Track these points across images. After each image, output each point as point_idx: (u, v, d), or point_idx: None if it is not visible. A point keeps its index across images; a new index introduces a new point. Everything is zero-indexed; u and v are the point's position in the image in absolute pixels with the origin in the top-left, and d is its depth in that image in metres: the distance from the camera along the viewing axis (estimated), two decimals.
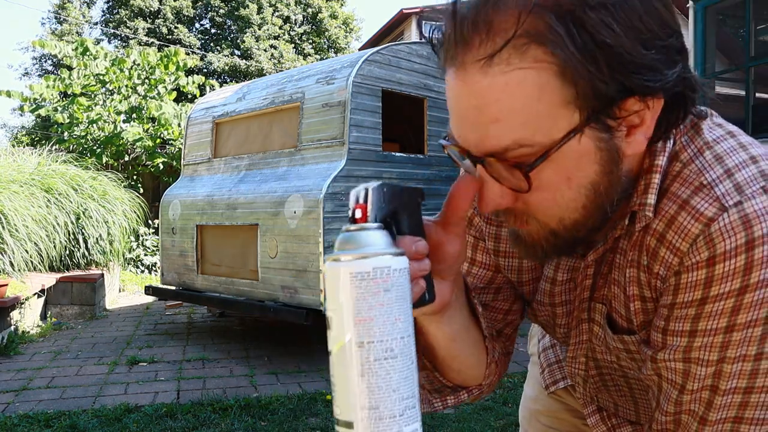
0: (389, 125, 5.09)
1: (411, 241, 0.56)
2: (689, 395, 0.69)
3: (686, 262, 0.64)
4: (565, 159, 0.60)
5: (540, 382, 1.10)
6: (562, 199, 0.62)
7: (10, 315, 4.89)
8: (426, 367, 0.80)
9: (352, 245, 0.47)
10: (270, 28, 22.41)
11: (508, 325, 0.90)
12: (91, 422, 3.08)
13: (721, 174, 0.64)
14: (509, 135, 0.58)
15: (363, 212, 0.51)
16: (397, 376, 0.44)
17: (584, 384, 0.89)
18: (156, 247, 9.12)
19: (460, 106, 0.61)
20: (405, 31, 19.54)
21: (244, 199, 4.69)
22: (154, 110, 10.14)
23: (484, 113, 0.59)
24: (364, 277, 0.45)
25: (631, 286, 0.71)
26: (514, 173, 0.60)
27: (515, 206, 0.65)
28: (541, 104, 0.57)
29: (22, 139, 17.57)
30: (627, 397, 0.87)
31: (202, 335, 5.28)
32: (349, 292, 0.45)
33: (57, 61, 20.60)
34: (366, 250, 0.46)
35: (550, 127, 0.58)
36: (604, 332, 0.78)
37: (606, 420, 0.93)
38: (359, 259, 0.46)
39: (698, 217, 0.63)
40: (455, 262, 0.65)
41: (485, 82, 0.58)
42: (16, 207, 5.49)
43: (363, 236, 0.48)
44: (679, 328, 0.66)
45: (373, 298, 0.45)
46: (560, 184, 0.61)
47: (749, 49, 6.27)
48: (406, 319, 0.46)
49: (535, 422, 1.12)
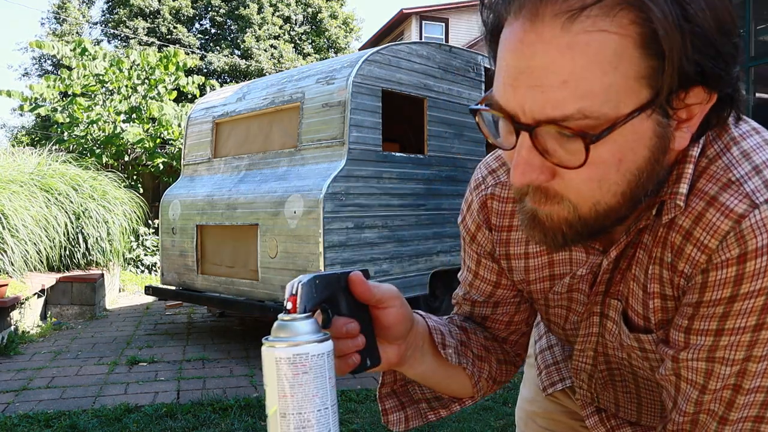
0: (389, 125, 5.09)
1: (343, 323, 0.63)
2: (710, 394, 0.68)
3: (715, 260, 0.62)
4: (623, 138, 0.57)
5: (537, 384, 1.08)
6: (606, 182, 0.59)
7: (10, 315, 4.89)
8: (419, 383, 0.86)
9: (283, 333, 0.56)
10: (270, 28, 22.42)
11: (512, 333, 0.92)
12: (91, 422, 3.08)
13: (750, 171, 0.63)
14: (575, 102, 0.54)
15: (293, 303, 0.59)
16: None
17: (589, 380, 0.88)
18: (156, 247, 9.12)
19: (524, 62, 0.55)
20: (405, 31, 19.54)
21: (244, 199, 4.69)
22: (156, 111, 10.14)
23: (553, 73, 0.54)
24: (287, 362, 0.54)
25: (652, 284, 0.70)
26: (571, 145, 0.56)
27: (549, 185, 0.60)
28: (616, 74, 0.54)
29: (22, 139, 17.57)
30: (632, 394, 0.86)
31: (202, 335, 5.28)
32: (275, 372, 0.55)
33: (57, 61, 20.61)
34: (292, 339, 0.55)
35: (618, 101, 0.55)
36: (619, 329, 0.76)
37: (605, 421, 0.92)
38: (286, 347, 0.55)
39: (728, 213, 0.61)
40: (395, 330, 0.69)
41: (564, 39, 0.53)
42: (16, 207, 5.49)
43: (291, 326, 0.56)
44: (704, 327, 0.65)
45: (294, 379, 0.54)
46: (611, 165, 0.58)
47: (749, 49, 6.27)
48: (324, 394, 0.55)
49: (532, 424, 1.11)
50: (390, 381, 0.85)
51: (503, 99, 0.58)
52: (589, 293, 0.78)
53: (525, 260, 0.83)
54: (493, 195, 0.84)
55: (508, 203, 0.83)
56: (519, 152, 0.58)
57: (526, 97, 0.56)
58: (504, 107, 0.59)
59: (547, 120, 0.55)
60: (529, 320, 0.93)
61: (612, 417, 0.92)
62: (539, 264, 0.82)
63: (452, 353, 0.81)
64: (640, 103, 0.55)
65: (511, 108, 0.58)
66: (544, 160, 0.58)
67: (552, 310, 0.85)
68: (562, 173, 0.59)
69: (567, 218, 0.62)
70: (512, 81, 0.57)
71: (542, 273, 0.82)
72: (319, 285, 0.61)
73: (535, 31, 0.54)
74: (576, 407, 1.02)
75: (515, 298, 0.89)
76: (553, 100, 0.54)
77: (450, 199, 5.11)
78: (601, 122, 0.55)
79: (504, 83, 0.58)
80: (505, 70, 0.58)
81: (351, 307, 0.65)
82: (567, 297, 0.82)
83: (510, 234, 0.83)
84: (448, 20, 18.94)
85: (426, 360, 0.79)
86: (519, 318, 0.90)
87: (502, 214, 0.84)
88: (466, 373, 0.84)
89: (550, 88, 0.54)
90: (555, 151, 0.58)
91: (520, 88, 0.56)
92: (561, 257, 0.80)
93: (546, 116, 0.55)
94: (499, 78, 0.59)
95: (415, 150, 5.39)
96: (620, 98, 0.55)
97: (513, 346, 0.93)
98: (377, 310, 0.68)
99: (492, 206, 0.84)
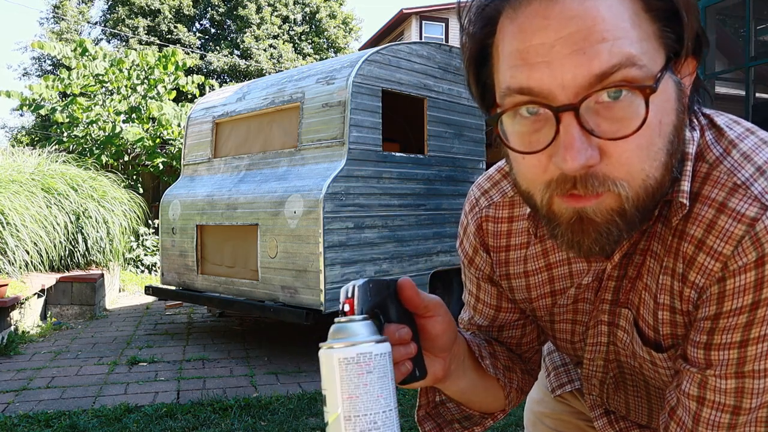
0: (389, 125, 5.09)
1: (395, 329, 0.61)
2: (746, 415, 0.64)
3: (731, 267, 0.60)
4: (659, 98, 0.55)
5: (545, 385, 1.08)
6: (654, 148, 0.56)
7: (10, 315, 4.89)
8: (453, 401, 0.84)
9: (342, 335, 0.56)
10: (269, 28, 22.41)
11: (525, 352, 0.91)
12: (91, 422, 3.08)
13: (754, 173, 0.62)
14: (620, 49, 0.53)
15: (350, 306, 0.59)
16: None
17: (600, 386, 0.86)
18: (156, 247, 9.12)
19: (554, 35, 0.54)
20: (405, 31, 19.54)
21: (244, 199, 4.69)
22: (156, 111, 10.14)
23: (589, 35, 0.53)
24: (350, 362, 0.54)
25: (662, 295, 0.68)
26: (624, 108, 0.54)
27: (597, 169, 0.56)
28: (641, 30, 0.54)
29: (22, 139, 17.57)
30: (643, 398, 0.85)
31: (202, 335, 5.28)
32: (339, 374, 0.54)
33: (56, 61, 20.60)
34: (352, 339, 0.55)
35: (651, 56, 0.55)
36: (632, 339, 0.74)
37: (614, 423, 0.91)
38: (346, 347, 0.54)
39: (740, 218, 0.60)
40: (441, 341, 0.68)
41: (589, 3, 0.53)
42: (16, 207, 5.49)
43: (350, 327, 0.56)
44: (727, 340, 0.62)
45: (358, 379, 0.54)
46: (654, 128, 0.56)
47: (749, 49, 6.26)
48: (387, 395, 0.54)
49: (540, 425, 1.11)
50: (425, 403, 0.84)
51: (535, 81, 0.55)
52: (594, 300, 0.76)
53: (525, 278, 0.82)
54: (487, 217, 0.82)
55: (503, 223, 0.82)
56: (567, 133, 0.54)
57: (565, 65, 0.53)
58: (536, 89, 0.55)
59: (595, 80, 0.53)
60: (541, 338, 0.91)
61: (621, 419, 0.91)
62: (540, 281, 0.81)
63: (489, 365, 0.80)
64: (663, 61, 0.56)
65: (546, 87, 0.54)
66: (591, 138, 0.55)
67: (557, 325, 0.84)
68: (610, 151, 0.55)
69: (617, 207, 0.57)
70: (544, 58, 0.54)
71: (543, 289, 0.81)
72: (372, 289, 0.61)
73: (559, 4, 0.54)
74: (584, 408, 1.02)
75: (519, 321, 0.88)
76: (599, 56, 0.53)
77: (450, 199, 5.11)
78: (644, 74, 0.53)
79: (532, 64, 0.55)
80: (527, 52, 0.55)
81: (399, 315, 0.64)
82: (572, 309, 0.80)
83: (508, 254, 0.82)
84: (448, 20, 18.94)
85: (467, 374, 0.77)
86: (527, 339, 0.89)
87: (498, 234, 0.82)
88: (500, 384, 0.83)
89: (591, 47, 0.53)
90: (604, 122, 0.55)
91: (556, 62, 0.54)
92: (561, 272, 0.78)
93: (593, 76, 0.53)
94: (521, 64, 0.56)
95: (415, 150, 5.39)
96: (651, 53, 0.55)
97: (528, 362, 0.93)
98: (423, 319, 0.66)
99: (488, 228, 0.83)
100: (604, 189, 0.56)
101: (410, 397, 3.48)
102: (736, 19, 7.17)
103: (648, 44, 0.55)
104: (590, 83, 0.53)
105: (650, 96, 0.53)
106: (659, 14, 0.56)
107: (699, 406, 0.66)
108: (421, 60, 4.92)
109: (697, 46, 0.59)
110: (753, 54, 6.33)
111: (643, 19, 0.55)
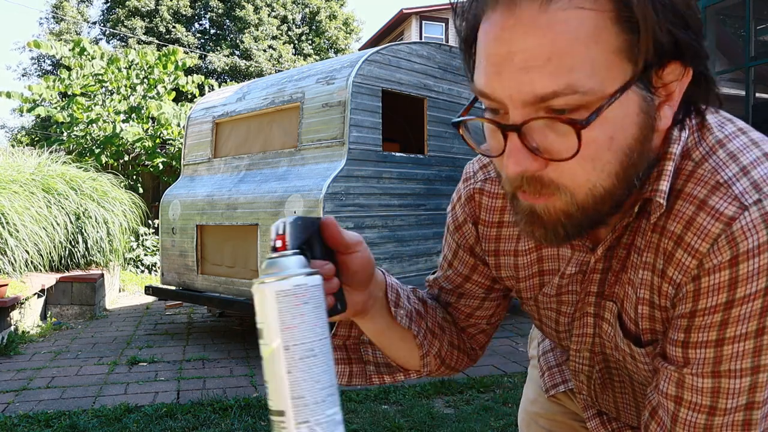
0: (389, 125, 5.09)
1: (320, 264, 0.64)
2: (721, 416, 0.64)
3: (706, 264, 0.61)
4: (612, 116, 0.56)
5: (540, 385, 1.09)
6: (600, 162, 0.58)
7: (10, 315, 4.89)
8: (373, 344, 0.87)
9: (275, 269, 0.57)
10: (267, 29, 22.41)
11: (471, 326, 0.93)
12: (91, 422, 3.08)
13: (737, 172, 0.62)
14: (562, 76, 0.54)
15: (282, 242, 0.61)
16: (318, 370, 0.54)
17: (588, 382, 0.87)
18: (156, 247, 9.12)
19: (506, 48, 0.55)
20: (405, 31, 19.54)
21: (244, 199, 4.69)
22: (155, 110, 10.14)
23: (536, 54, 0.54)
24: (287, 294, 0.55)
25: (642, 289, 0.69)
26: (562, 131, 0.56)
27: (543, 173, 0.59)
28: (598, 48, 0.54)
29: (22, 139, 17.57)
30: (629, 396, 0.85)
31: (202, 335, 5.28)
32: (276, 307, 0.55)
33: (56, 61, 20.60)
34: (286, 273, 0.56)
35: (604, 77, 0.55)
36: (615, 331, 0.75)
37: (606, 424, 0.91)
38: (281, 280, 0.55)
39: (718, 216, 0.60)
40: (360, 276, 0.72)
41: (543, 19, 0.54)
42: (16, 207, 5.49)
43: (283, 261, 0.57)
44: (703, 339, 0.63)
45: (295, 310, 0.55)
46: (603, 144, 0.57)
47: (749, 49, 6.26)
48: (322, 324, 0.56)
49: (534, 425, 1.11)
50: (344, 334, 0.86)
51: (489, 88, 0.58)
52: (580, 292, 0.77)
53: (515, 257, 0.83)
54: (482, 190, 0.84)
55: (498, 199, 0.83)
56: (510, 147, 0.58)
57: (512, 81, 0.56)
58: (491, 95, 0.58)
59: (535, 99, 0.55)
60: (492, 319, 0.93)
61: (614, 420, 0.91)
62: (528, 261, 0.82)
63: (403, 315, 0.82)
64: (624, 79, 0.56)
65: (498, 96, 0.57)
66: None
67: (543, 311, 0.85)
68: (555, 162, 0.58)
69: (565, 209, 0.61)
70: (497, 68, 0.57)
71: (532, 270, 0.82)
72: (301, 225, 0.64)
73: (514, 16, 0.55)
74: (578, 409, 1.02)
75: (482, 294, 0.90)
76: (540, 79, 0.54)
77: (450, 199, 5.11)
78: (588, 98, 0.55)
79: (488, 72, 0.58)
80: (487, 59, 0.58)
81: (323, 252, 0.67)
82: (556, 300, 0.81)
83: (500, 230, 0.83)
84: (448, 20, 18.94)
85: (382, 314, 0.80)
86: (480, 313, 0.91)
87: (491, 209, 0.84)
88: (416, 342, 0.85)
89: (535, 68, 0.54)
90: (546, 141, 0.57)
91: (505, 74, 0.56)
92: (550, 253, 0.79)
93: (534, 96, 0.55)
94: (482, 69, 0.59)
95: (415, 150, 5.39)
96: (604, 73, 0.55)
97: (470, 338, 0.94)
98: (344, 255, 0.69)
99: (481, 201, 0.84)
100: (550, 192, 0.60)
101: (410, 397, 3.48)
102: (736, 19, 7.16)
103: (605, 63, 0.55)
104: (532, 101, 0.55)
105: (581, 130, 0.54)
106: (629, 26, 0.55)
107: (677, 407, 0.66)
108: (421, 60, 4.93)
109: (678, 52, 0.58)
110: (753, 54, 6.32)
111: (606, 35, 0.54)
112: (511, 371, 4.00)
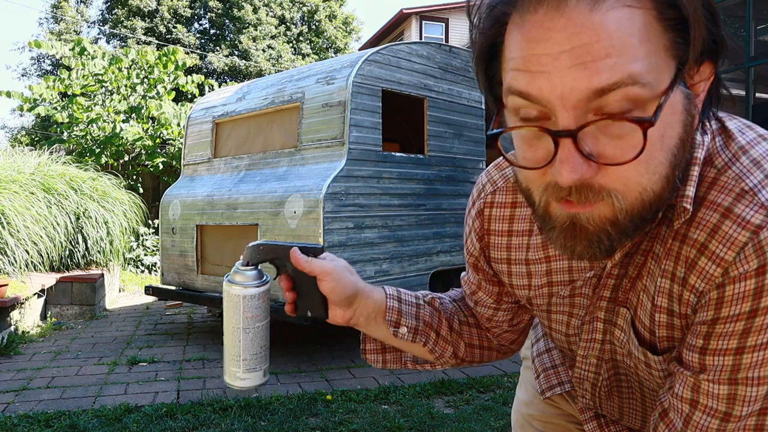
0: (389, 125, 5.09)
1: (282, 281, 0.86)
2: (735, 422, 0.64)
3: (732, 273, 0.60)
4: (666, 110, 0.54)
5: (535, 387, 1.07)
6: (653, 163, 0.56)
7: (10, 315, 4.89)
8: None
9: (239, 278, 0.86)
10: (266, 29, 22.40)
11: (494, 327, 0.97)
12: (91, 422, 3.08)
13: (762, 179, 0.61)
14: (623, 66, 0.52)
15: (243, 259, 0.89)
16: (259, 342, 0.87)
17: (593, 389, 0.86)
18: (156, 247, 9.12)
19: (557, 48, 0.53)
20: (405, 31, 19.54)
21: (244, 199, 4.69)
22: (155, 110, 10.13)
23: (593, 50, 0.52)
24: (253, 297, 0.85)
25: (660, 297, 0.67)
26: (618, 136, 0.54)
27: (593, 180, 0.56)
28: (650, 44, 0.53)
29: (22, 139, 17.57)
30: (637, 401, 0.84)
31: (202, 335, 5.28)
32: (241, 304, 0.86)
33: (56, 61, 20.60)
34: (249, 282, 0.86)
35: (658, 71, 0.54)
36: (628, 338, 0.74)
37: (603, 427, 0.91)
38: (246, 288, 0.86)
39: (745, 224, 0.59)
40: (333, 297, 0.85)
41: (596, 18, 0.52)
42: (16, 207, 5.49)
43: (245, 273, 0.86)
44: (723, 346, 0.62)
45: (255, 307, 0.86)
46: (656, 142, 0.55)
47: (749, 49, 6.27)
48: (265, 316, 0.87)
49: (529, 427, 1.10)
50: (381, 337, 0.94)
51: (534, 89, 0.55)
52: (592, 296, 0.76)
53: (526, 266, 0.82)
54: (491, 203, 0.84)
55: (506, 208, 0.83)
56: (564, 152, 0.55)
57: (565, 78, 0.53)
58: (536, 96, 0.55)
59: (592, 96, 0.53)
60: (513, 322, 0.94)
61: (612, 423, 0.91)
62: (539, 271, 0.81)
63: (405, 332, 0.88)
64: (671, 76, 0.55)
65: (545, 97, 0.55)
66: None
67: (554, 316, 0.84)
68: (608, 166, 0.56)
69: (611, 216, 0.58)
70: (544, 68, 0.54)
71: (542, 280, 0.81)
72: (263, 250, 0.87)
73: (564, 16, 0.53)
74: (574, 411, 1.02)
75: (493, 305, 0.92)
76: (598, 72, 0.52)
77: (450, 199, 5.11)
78: (645, 94, 0.53)
79: (533, 72, 0.55)
80: (529, 60, 0.55)
81: (296, 271, 0.86)
82: (569, 303, 0.80)
83: (510, 239, 0.83)
84: (448, 20, 18.95)
85: (381, 330, 0.90)
86: (498, 318, 0.94)
87: (501, 219, 0.84)
88: (426, 349, 0.91)
89: (593, 62, 0.52)
90: (598, 145, 0.55)
91: (555, 73, 0.53)
92: (559, 266, 0.78)
93: (589, 91, 0.53)
94: (523, 71, 0.56)
95: (415, 150, 5.38)
96: (659, 68, 0.54)
97: (496, 337, 0.97)
98: (320, 280, 0.83)
99: (490, 214, 0.85)
100: (599, 199, 0.57)
101: (410, 397, 3.48)
102: (736, 19, 7.17)
103: (657, 59, 0.54)
104: (588, 97, 0.53)
105: (648, 129, 0.53)
106: (672, 24, 0.54)
107: (691, 409, 0.66)
108: (421, 60, 4.92)
109: (712, 50, 0.57)
110: (753, 54, 6.33)
111: (654, 32, 0.54)
112: (511, 371, 4.00)
